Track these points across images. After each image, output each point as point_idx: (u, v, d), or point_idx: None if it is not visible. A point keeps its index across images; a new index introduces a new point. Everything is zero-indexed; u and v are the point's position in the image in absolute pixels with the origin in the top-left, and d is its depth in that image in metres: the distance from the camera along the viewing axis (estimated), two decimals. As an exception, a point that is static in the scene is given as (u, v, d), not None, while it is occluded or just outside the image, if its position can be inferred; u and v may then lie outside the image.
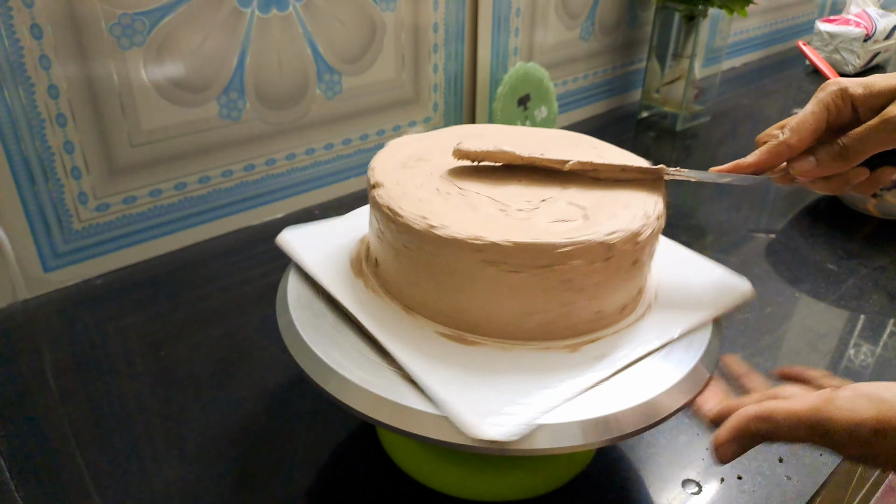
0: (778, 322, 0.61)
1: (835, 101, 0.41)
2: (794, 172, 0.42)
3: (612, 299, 0.39)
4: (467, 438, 0.33)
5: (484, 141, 0.45)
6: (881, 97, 0.39)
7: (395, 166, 0.44)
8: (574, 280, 0.37)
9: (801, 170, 0.41)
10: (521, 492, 0.44)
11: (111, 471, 0.45)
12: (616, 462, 0.47)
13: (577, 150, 0.46)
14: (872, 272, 0.69)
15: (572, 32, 1.00)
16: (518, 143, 0.44)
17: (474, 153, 0.43)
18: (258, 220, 0.76)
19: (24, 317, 0.60)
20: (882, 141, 0.39)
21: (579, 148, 0.47)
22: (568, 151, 0.45)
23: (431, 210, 0.39)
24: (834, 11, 1.61)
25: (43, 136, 0.58)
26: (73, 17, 0.56)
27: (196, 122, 0.67)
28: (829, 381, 0.38)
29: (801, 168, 0.41)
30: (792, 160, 0.42)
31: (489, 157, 0.44)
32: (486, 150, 0.43)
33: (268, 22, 0.67)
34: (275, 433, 0.49)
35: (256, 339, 0.58)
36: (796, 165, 0.41)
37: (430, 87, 0.85)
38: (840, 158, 0.40)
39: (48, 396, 0.51)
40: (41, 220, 0.60)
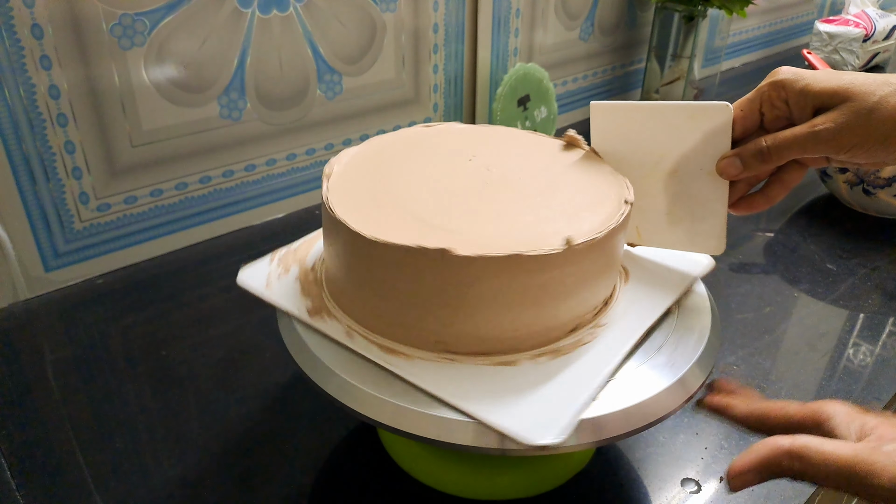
0: (777, 321, 0.62)
1: (769, 92, 0.40)
2: (718, 170, 0.41)
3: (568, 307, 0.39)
4: (466, 438, 0.33)
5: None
6: (814, 99, 0.39)
7: (360, 159, 0.45)
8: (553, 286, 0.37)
9: (726, 171, 0.41)
10: (521, 491, 0.44)
11: (112, 470, 0.45)
12: (615, 461, 0.47)
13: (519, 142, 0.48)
14: (871, 272, 0.69)
15: (572, 33, 1.00)
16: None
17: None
18: (259, 220, 0.76)
19: (25, 316, 0.60)
20: (805, 150, 0.39)
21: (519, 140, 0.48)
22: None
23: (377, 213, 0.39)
24: (833, 12, 1.61)
25: (44, 136, 0.58)
26: (73, 18, 0.56)
27: (197, 122, 0.67)
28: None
29: (726, 170, 0.41)
30: (718, 160, 0.41)
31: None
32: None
33: (268, 22, 0.68)
34: (275, 433, 0.49)
35: (257, 339, 0.58)
36: (721, 165, 0.41)
37: (430, 88, 0.85)
38: (760, 159, 0.40)
39: (49, 396, 0.52)
40: (42, 220, 0.60)
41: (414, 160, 0.45)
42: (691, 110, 0.41)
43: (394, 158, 0.45)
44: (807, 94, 0.39)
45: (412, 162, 0.45)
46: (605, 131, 0.45)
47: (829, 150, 0.38)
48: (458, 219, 0.39)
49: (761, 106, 0.41)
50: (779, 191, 0.43)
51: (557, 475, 0.45)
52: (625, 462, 0.47)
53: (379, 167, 0.44)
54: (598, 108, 0.45)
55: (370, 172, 0.43)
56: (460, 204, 0.40)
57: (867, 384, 0.54)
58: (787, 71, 0.40)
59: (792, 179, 0.42)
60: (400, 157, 0.45)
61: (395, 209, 0.39)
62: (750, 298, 0.65)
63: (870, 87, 0.37)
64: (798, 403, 0.35)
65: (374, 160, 0.45)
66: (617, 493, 0.45)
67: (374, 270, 0.37)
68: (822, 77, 0.39)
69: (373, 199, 0.40)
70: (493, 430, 0.34)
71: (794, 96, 0.39)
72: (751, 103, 0.41)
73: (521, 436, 0.33)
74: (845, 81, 0.38)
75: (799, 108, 0.39)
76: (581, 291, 0.39)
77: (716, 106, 0.41)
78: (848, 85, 0.38)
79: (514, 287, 0.36)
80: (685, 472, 0.46)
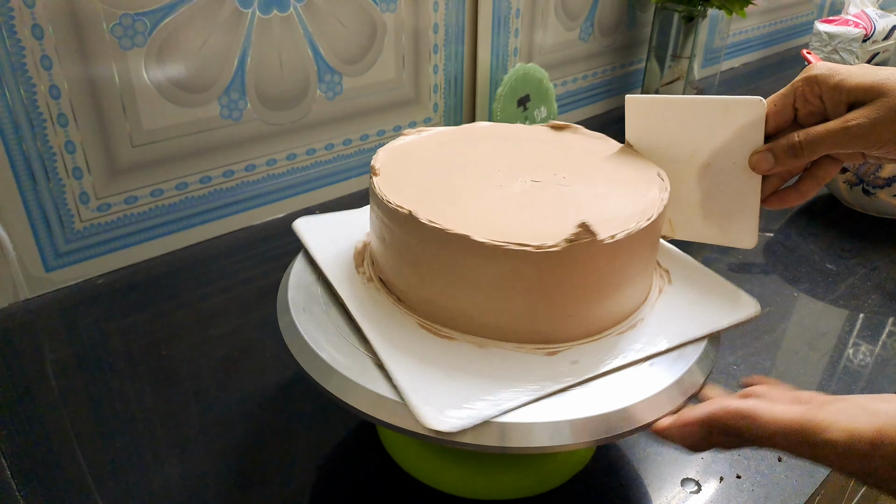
0: (777, 321, 0.62)
1: (803, 87, 0.40)
2: (750, 164, 0.42)
3: (597, 306, 0.39)
4: (465, 436, 0.33)
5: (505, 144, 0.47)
6: (848, 94, 0.38)
7: (398, 156, 0.45)
8: (554, 283, 0.37)
9: (758, 166, 0.41)
10: (521, 490, 0.44)
11: (112, 470, 0.45)
12: (615, 461, 0.47)
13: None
14: (871, 272, 0.69)
15: (572, 33, 1.00)
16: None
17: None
18: (259, 220, 0.76)
19: (25, 316, 0.60)
20: (838, 146, 0.39)
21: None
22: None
23: (418, 199, 0.39)
24: (833, 12, 1.61)
25: (44, 136, 0.58)
26: (74, 18, 0.57)
27: (197, 122, 0.67)
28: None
29: (759, 164, 0.41)
30: (751, 155, 0.42)
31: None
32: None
33: (269, 22, 0.68)
34: (275, 432, 0.49)
35: (257, 338, 0.58)
36: (753, 159, 0.41)
37: (430, 88, 0.85)
38: (792, 154, 0.40)
39: (49, 395, 0.52)
40: (43, 220, 0.60)
41: (450, 162, 0.45)
42: (725, 104, 0.42)
43: (429, 161, 0.45)
44: (841, 90, 0.39)
45: (449, 164, 0.45)
46: (639, 125, 0.46)
47: (863, 145, 0.38)
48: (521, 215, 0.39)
49: (795, 101, 0.41)
50: (812, 186, 0.43)
51: (557, 475, 0.45)
52: (625, 462, 0.47)
53: (419, 171, 0.44)
54: (632, 102, 0.45)
55: (414, 178, 0.43)
56: (516, 202, 0.40)
57: (867, 384, 0.54)
58: (821, 66, 0.40)
59: (825, 175, 0.42)
60: (435, 160, 0.45)
61: (459, 208, 0.39)
62: (750, 298, 0.65)
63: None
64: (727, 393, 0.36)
65: (411, 163, 0.44)
66: (617, 493, 0.45)
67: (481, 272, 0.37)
68: (856, 72, 0.39)
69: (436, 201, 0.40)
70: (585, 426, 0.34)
71: (829, 91, 0.39)
72: (784, 98, 0.41)
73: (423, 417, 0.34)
74: (881, 77, 0.38)
75: (833, 103, 0.39)
76: (649, 267, 0.41)
77: (749, 100, 0.41)
78: (883, 81, 0.37)
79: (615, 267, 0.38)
80: (685, 472, 0.46)
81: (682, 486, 0.45)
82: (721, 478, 0.46)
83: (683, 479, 0.46)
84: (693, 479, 0.46)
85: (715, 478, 0.46)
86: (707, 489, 0.45)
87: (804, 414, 0.30)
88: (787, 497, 0.44)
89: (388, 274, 0.42)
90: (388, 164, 0.44)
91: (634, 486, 0.45)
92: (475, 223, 0.37)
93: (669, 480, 0.46)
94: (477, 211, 0.39)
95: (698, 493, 0.45)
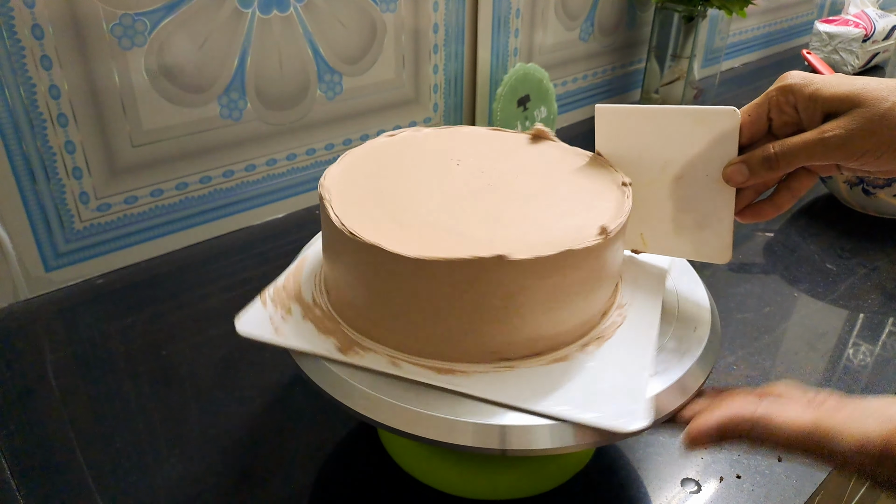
0: (777, 321, 0.62)
1: (777, 97, 0.39)
2: (724, 176, 0.40)
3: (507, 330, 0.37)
4: (466, 438, 0.33)
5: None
6: (824, 104, 0.37)
7: (370, 152, 0.45)
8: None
9: (733, 178, 0.40)
10: (521, 491, 0.44)
11: (112, 470, 0.45)
12: (615, 461, 0.47)
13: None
14: (871, 272, 0.69)
15: (572, 33, 1.00)
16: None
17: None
18: (259, 220, 0.76)
19: (25, 316, 0.60)
20: (814, 157, 0.38)
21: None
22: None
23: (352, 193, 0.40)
24: (833, 12, 1.61)
25: (44, 136, 0.58)
26: (74, 18, 0.57)
27: (197, 122, 0.67)
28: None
29: (733, 176, 0.40)
30: (725, 167, 0.40)
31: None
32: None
33: (268, 22, 0.68)
34: (275, 432, 0.49)
35: (257, 338, 0.58)
36: (727, 171, 0.40)
37: (430, 88, 0.85)
38: (767, 166, 0.39)
39: (49, 395, 0.52)
40: (42, 220, 0.60)
41: (403, 170, 0.44)
42: (698, 115, 0.41)
43: (380, 171, 0.44)
44: (816, 100, 0.38)
45: (403, 172, 0.44)
46: (609, 135, 0.44)
47: (839, 157, 0.37)
48: (476, 225, 0.38)
49: (769, 111, 0.40)
50: (787, 199, 0.42)
51: (557, 475, 0.45)
52: (625, 462, 0.47)
53: (370, 181, 0.43)
54: (602, 112, 0.44)
55: (363, 189, 0.42)
56: (469, 209, 0.40)
57: (867, 384, 0.55)
58: (796, 75, 0.39)
59: (801, 187, 0.41)
60: (386, 168, 0.44)
61: (411, 223, 0.38)
62: (750, 298, 0.65)
63: (881, 92, 0.36)
64: (746, 391, 0.36)
65: (361, 175, 0.43)
66: (617, 493, 0.45)
67: (421, 291, 0.36)
68: (832, 81, 0.38)
69: (384, 216, 0.39)
70: (586, 428, 0.34)
71: (804, 101, 0.38)
72: (758, 108, 0.40)
73: (615, 426, 0.34)
74: (857, 87, 0.37)
75: (808, 113, 0.38)
76: (612, 277, 0.40)
77: (722, 111, 0.40)
78: (860, 90, 0.36)
79: (564, 283, 0.36)
80: (685, 472, 0.46)
81: (682, 486, 0.45)
82: (721, 478, 0.46)
83: (683, 479, 0.46)
84: (693, 479, 0.46)
85: (715, 478, 0.46)
86: (707, 489, 0.45)
87: (816, 420, 0.30)
88: (787, 497, 0.44)
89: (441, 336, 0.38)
90: (356, 158, 0.44)
91: (634, 486, 0.45)
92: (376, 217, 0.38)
93: (669, 480, 0.46)
94: (403, 211, 0.39)
95: (698, 493, 0.45)
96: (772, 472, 0.46)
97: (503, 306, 0.36)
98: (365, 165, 0.44)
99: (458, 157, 0.45)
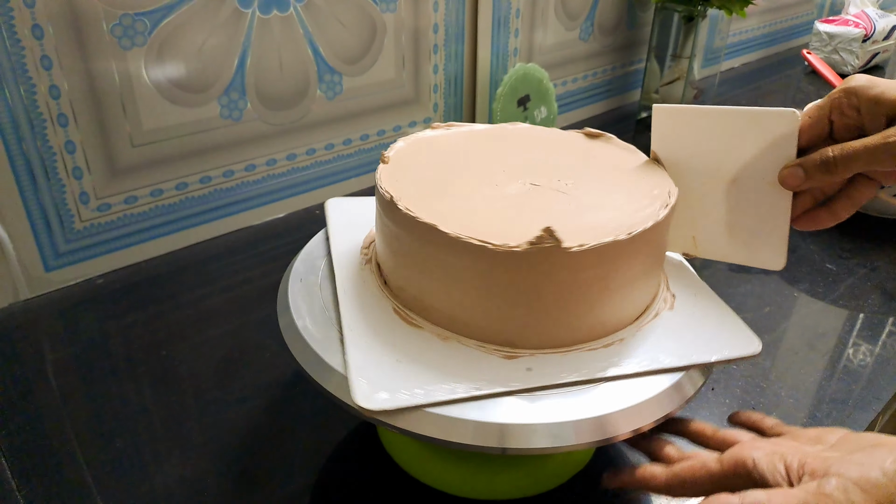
0: (777, 321, 0.62)
1: (840, 99, 0.38)
2: (780, 179, 0.39)
3: (561, 317, 0.38)
4: (466, 437, 0.33)
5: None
6: (888, 107, 0.36)
7: (413, 148, 0.46)
8: (512, 284, 0.36)
9: (788, 181, 0.39)
10: (521, 491, 0.44)
11: (112, 470, 0.45)
12: (615, 461, 0.47)
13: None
14: (871, 272, 0.69)
15: (572, 33, 1.00)
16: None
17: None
18: (259, 220, 0.76)
19: (25, 316, 0.60)
20: (875, 162, 0.36)
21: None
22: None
23: (411, 189, 0.40)
24: (833, 12, 1.61)
25: (44, 136, 0.58)
26: (74, 18, 0.57)
27: (197, 122, 0.67)
28: (783, 429, 0.36)
29: (788, 179, 0.39)
30: (781, 169, 0.39)
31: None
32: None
33: (268, 22, 0.68)
34: (275, 432, 0.49)
35: (257, 338, 0.58)
36: (783, 174, 0.39)
37: (430, 88, 0.85)
38: (824, 169, 0.37)
39: (49, 396, 0.52)
40: (42, 220, 0.60)
41: (459, 159, 0.45)
42: (756, 115, 0.40)
43: (440, 155, 0.45)
44: (881, 103, 0.36)
45: (458, 161, 0.45)
46: (665, 135, 0.44)
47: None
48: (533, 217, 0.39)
49: (831, 113, 0.38)
50: (846, 207, 0.40)
51: (557, 475, 0.45)
52: (625, 462, 0.47)
53: (426, 164, 0.44)
54: (660, 112, 0.43)
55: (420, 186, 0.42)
56: (525, 204, 0.41)
57: (867, 384, 0.55)
58: (860, 78, 0.38)
59: (861, 195, 0.40)
60: (447, 155, 0.46)
61: (477, 216, 0.39)
62: (750, 298, 0.65)
63: None
64: (713, 455, 0.33)
65: (411, 172, 0.44)
66: (617, 493, 0.45)
67: (445, 264, 0.37)
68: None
69: (426, 193, 0.40)
70: (586, 428, 0.34)
71: (867, 104, 0.37)
72: (820, 110, 0.39)
73: (743, 353, 0.38)
74: None
75: (871, 116, 0.37)
76: (635, 286, 0.40)
77: (782, 113, 0.39)
78: None
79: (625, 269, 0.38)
80: (685, 472, 0.46)
81: (682, 487, 0.45)
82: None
83: (683, 479, 0.46)
84: (693, 479, 0.46)
85: (715, 478, 0.46)
86: (707, 489, 0.45)
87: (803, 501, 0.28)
88: (787, 497, 0.44)
89: (379, 258, 0.43)
90: (400, 154, 0.45)
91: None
92: (448, 217, 0.37)
93: (669, 480, 0.46)
94: (460, 207, 0.39)
95: (698, 494, 0.45)
96: (772, 472, 0.46)
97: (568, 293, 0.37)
98: (416, 159, 0.45)
99: (505, 155, 0.46)
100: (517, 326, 0.38)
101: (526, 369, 0.37)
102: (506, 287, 0.36)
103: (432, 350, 0.38)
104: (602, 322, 0.39)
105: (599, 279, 0.37)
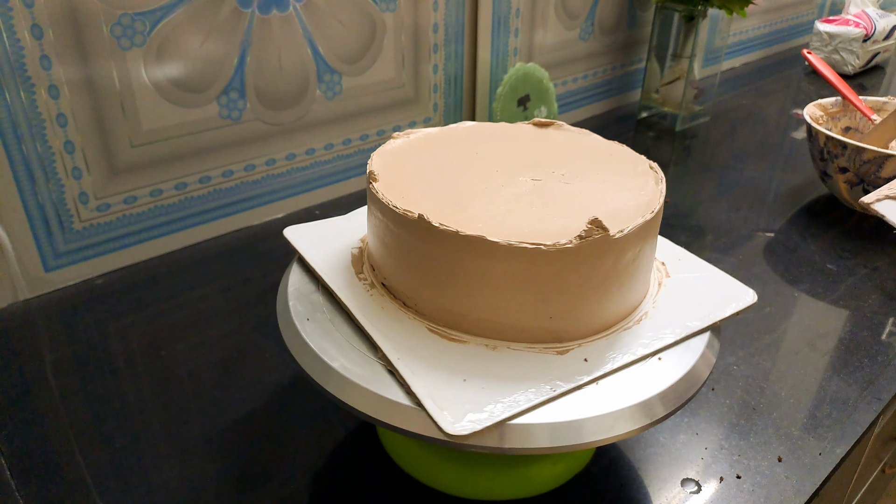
0: (777, 322, 0.62)
1: None
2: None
3: (607, 302, 0.39)
4: (467, 438, 0.33)
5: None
6: None
7: (392, 160, 0.45)
8: (567, 280, 0.37)
9: None
10: (521, 491, 0.44)
11: (112, 470, 0.45)
12: (615, 461, 0.47)
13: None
14: (871, 272, 0.69)
15: (572, 33, 1.00)
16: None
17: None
18: (258, 220, 0.76)
19: (24, 316, 0.60)
20: None
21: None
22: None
23: (423, 203, 0.39)
24: (833, 12, 1.61)
25: (43, 137, 0.58)
26: (73, 18, 0.56)
27: (196, 122, 0.67)
28: None
29: None
30: None
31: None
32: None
33: (268, 22, 0.68)
34: (275, 433, 0.49)
35: (257, 338, 0.58)
36: None
37: (429, 88, 0.85)
38: None
39: (49, 396, 0.52)
40: (42, 220, 0.60)
41: (445, 164, 0.45)
42: None
43: (424, 164, 0.45)
44: None
45: (445, 166, 0.45)
46: None
47: None
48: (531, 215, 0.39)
49: None
50: None
51: (557, 475, 0.45)
52: (625, 462, 0.47)
53: (416, 174, 0.44)
54: None
55: (418, 188, 0.42)
56: (525, 200, 0.41)
57: (867, 384, 0.54)
58: None
59: None
60: (430, 161, 0.45)
61: (467, 211, 0.39)
62: (750, 298, 0.65)
63: None
64: None
65: (406, 174, 0.44)
66: (617, 493, 0.45)
67: (495, 273, 0.37)
68: None
69: (441, 205, 0.40)
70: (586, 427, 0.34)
71: None
72: None
73: (444, 423, 0.34)
74: None
75: None
76: (651, 261, 0.42)
77: None
78: None
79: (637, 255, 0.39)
80: (685, 472, 0.46)
81: (682, 487, 0.45)
82: (721, 478, 0.46)
83: (683, 479, 0.46)
84: (693, 479, 0.46)
85: (715, 478, 0.46)
86: (707, 489, 0.45)
87: None
88: (787, 497, 0.44)
89: (393, 279, 0.41)
90: (384, 168, 0.43)
91: (634, 486, 0.45)
92: (486, 225, 0.37)
93: (669, 481, 0.46)
94: (485, 212, 0.39)
95: (698, 494, 0.45)
96: (772, 473, 0.46)
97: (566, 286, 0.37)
98: (408, 156, 0.45)
99: (484, 154, 0.46)
100: (566, 320, 0.38)
101: (583, 360, 0.38)
102: (555, 284, 0.37)
103: (488, 362, 0.37)
104: (632, 299, 0.41)
105: (633, 259, 0.39)
